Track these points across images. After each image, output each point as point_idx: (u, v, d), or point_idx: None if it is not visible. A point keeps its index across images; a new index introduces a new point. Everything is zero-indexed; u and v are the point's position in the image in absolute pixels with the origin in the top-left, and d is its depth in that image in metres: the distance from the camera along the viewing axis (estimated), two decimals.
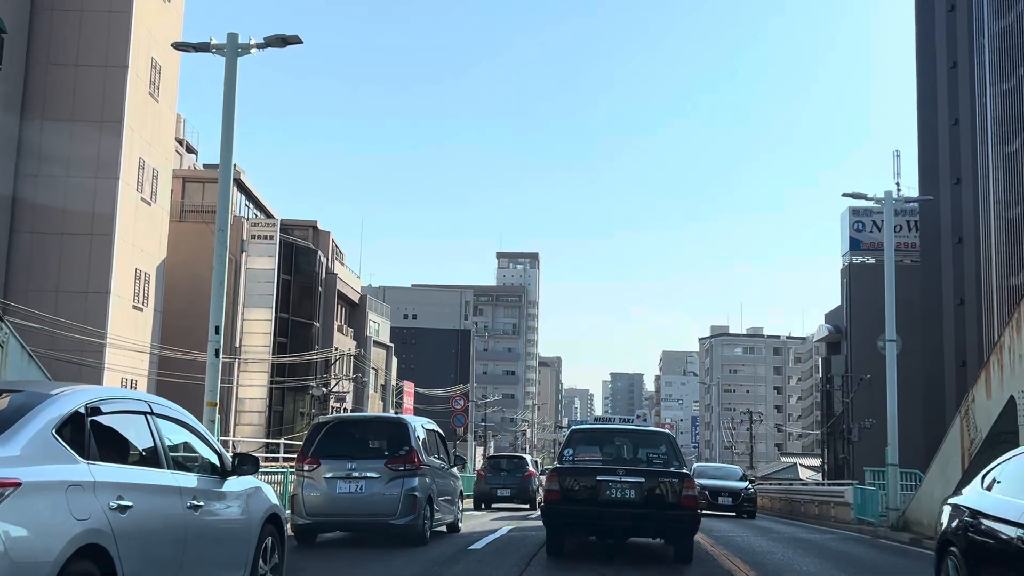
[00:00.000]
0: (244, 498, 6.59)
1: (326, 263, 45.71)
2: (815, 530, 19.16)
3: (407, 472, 11.96)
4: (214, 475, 6.33)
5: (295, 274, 42.05)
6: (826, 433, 59.65)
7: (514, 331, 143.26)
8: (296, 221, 45.94)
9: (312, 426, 13.76)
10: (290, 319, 41.47)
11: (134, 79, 30.57)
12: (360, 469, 11.98)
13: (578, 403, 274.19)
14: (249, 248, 37.62)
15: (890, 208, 19.65)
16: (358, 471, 11.97)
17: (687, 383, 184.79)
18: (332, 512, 12.02)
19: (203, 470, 6.26)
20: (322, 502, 11.97)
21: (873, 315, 57.20)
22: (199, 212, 37.65)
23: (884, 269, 19.57)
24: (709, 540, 14.15)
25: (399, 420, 13.59)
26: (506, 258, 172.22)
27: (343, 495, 11.93)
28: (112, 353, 29.46)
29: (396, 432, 12.65)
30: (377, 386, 55.09)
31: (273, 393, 40.80)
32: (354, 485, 11.94)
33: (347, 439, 12.79)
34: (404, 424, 12.85)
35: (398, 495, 11.80)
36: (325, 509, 11.98)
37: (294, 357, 39.21)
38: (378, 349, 54.81)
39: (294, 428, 41.48)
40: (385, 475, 11.91)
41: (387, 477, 11.89)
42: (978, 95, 39.35)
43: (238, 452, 7.40)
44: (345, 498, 11.93)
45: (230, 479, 6.45)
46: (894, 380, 18.18)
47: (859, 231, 58.05)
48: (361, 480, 11.94)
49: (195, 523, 5.74)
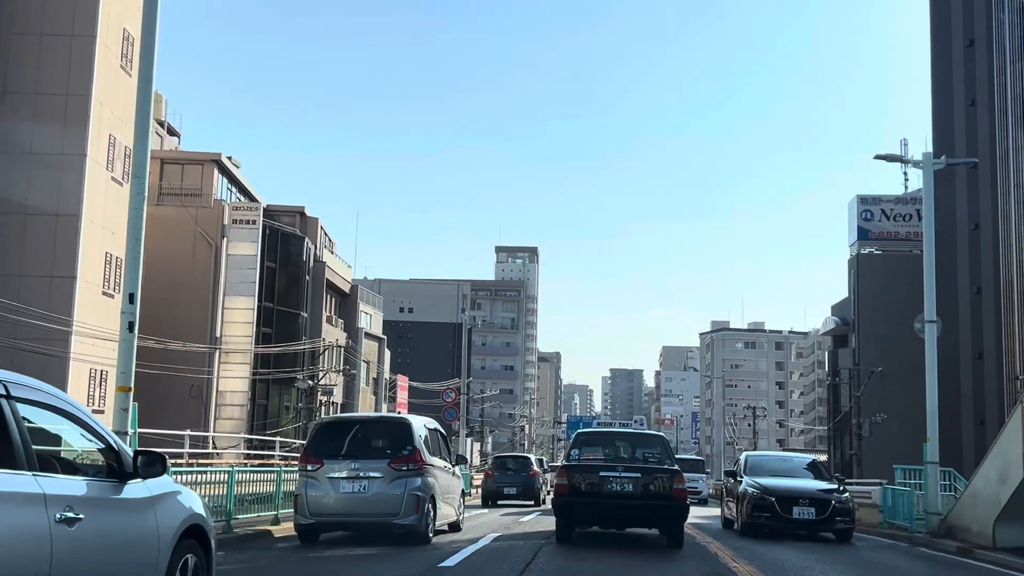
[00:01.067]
0: (150, 507, 5.31)
1: (314, 251, 43.84)
2: None
3: (410, 472, 12.03)
4: (109, 478, 5.13)
5: (281, 262, 40.17)
6: (832, 429, 57.80)
7: (513, 326, 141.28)
8: (283, 207, 44.07)
9: (315, 425, 13.81)
10: (275, 309, 39.60)
11: (103, 50, 28.67)
12: (363, 469, 12.03)
13: (578, 399, 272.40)
14: (230, 233, 35.73)
15: (929, 170, 17.75)
16: (361, 471, 12.01)
17: (687, 378, 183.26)
18: (335, 512, 12.07)
19: (90, 472, 5.12)
20: (325, 502, 12.00)
21: (883, 307, 55.39)
22: (178, 195, 35.78)
23: (924, 241, 17.54)
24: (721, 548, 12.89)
25: (402, 420, 13.50)
26: (505, 252, 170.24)
27: (346, 495, 11.97)
28: (80, 342, 27.60)
29: (399, 432, 12.66)
30: (369, 379, 53.25)
31: (257, 386, 38.95)
32: (357, 485, 11.97)
33: (350, 439, 12.78)
34: (407, 424, 12.83)
35: (401, 495, 11.85)
36: (328, 509, 12.03)
37: (278, 348, 37.35)
38: (370, 341, 52.96)
39: (279, 422, 39.68)
40: (388, 475, 11.95)
41: (390, 477, 11.93)
42: (996, 74, 37.45)
43: (142, 449, 5.68)
44: (348, 498, 11.97)
45: (131, 483, 5.21)
46: (934, 366, 16.22)
47: (867, 220, 56.15)
48: (364, 480, 11.97)
49: (68, 541, 4.40)
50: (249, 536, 12.90)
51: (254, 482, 15.46)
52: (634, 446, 14.18)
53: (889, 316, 53.15)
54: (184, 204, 35.49)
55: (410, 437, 12.37)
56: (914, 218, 55.97)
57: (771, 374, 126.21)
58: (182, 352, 33.67)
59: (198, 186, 36.19)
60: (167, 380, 33.54)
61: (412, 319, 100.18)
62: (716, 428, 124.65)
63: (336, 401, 47.86)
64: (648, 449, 13.76)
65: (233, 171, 38.30)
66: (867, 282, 54.66)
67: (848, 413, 49.74)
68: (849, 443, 54.39)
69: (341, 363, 47.31)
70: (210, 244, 35.52)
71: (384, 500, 11.88)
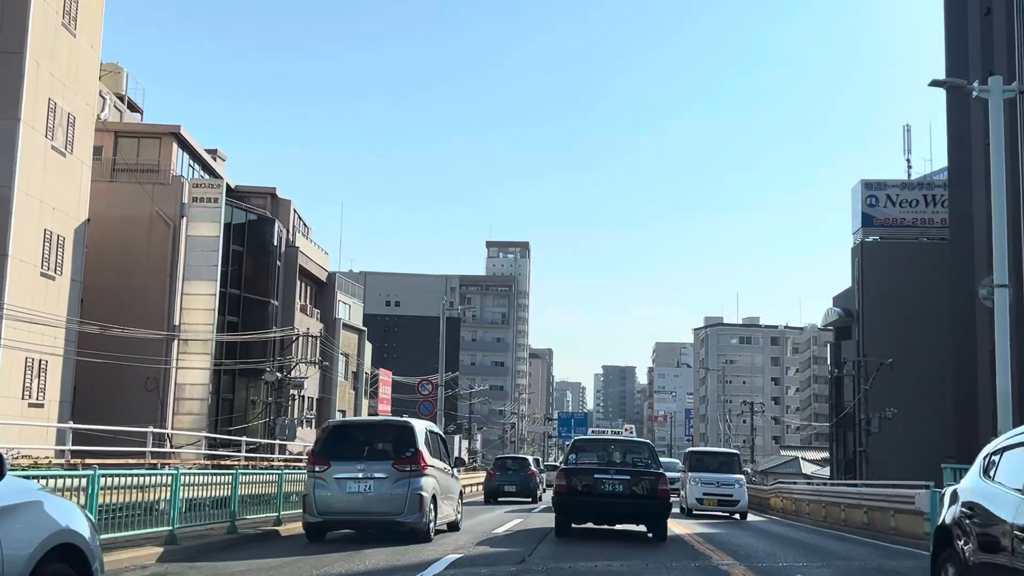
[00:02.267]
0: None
1: (286, 235, 41.00)
2: (879, 548, 14.50)
3: (413, 473, 12.60)
4: None
5: (248, 245, 37.33)
6: (835, 426, 55.16)
7: (503, 321, 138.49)
8: (252, 188, 41.23)
9: (322, 428, 14.22)
10: (242, 296, 36.76)
11: (40, 4, 25.81)
12: (369, 470, 12.61)
13: (570, 396, 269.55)
14: (190, 212, 32.85)
15: (998, 97, 14.94)
16: (367, 472, 12.59)
17: (680, 375, 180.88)
18: (342, 511, 12.65)
19: None
20: (332, 501, 12.54)
21: (888, 297, 52.72)
22: (134, 171, 32.92)
23: (992, 177, 14.47)
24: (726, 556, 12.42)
25: (405, 423, 13.93)
26: (496, 247, 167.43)
27: (353, 494, 12.54)
28: (11, 327, 24.76)
29: (402, 435, 13.25)
30: (348, 373, 50.44)
31: (222, 379, 36.14)
32: (363, 485, 12.53)
33: (356, 441, 13.39)
34: (410, 427, 13.41)
35: (404, 494, 12.44)
36: (335, 508, 12.59)
37: (242, 336, 34.55)
38: (349, 333, 50.14)
39: (246, 417, 36.85)
40: (392, 475, 12.54)
41: (394, 477, 12.52)
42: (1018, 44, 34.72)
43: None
44: (355, 497, 12.54)
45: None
46: (1006, 339, 13.30)
47: (872, 206, 53.51)
48: (370, 480, 12.54)
49: None
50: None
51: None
52: (624, 452, 15.81)
53: (896, 306, 50.49)
54: (140, 181, 32.64)
55: (413, 440, 12.96)
56: (921, 204, 53.36)
57: (767, 369, 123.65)
58: (137, 340, 30.85)
59: (156, 161, 33.32)
60: (121, 371, 30.75)
61: (399, 313, 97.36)
62: (711, 424, 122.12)
63: (311, 396, 45.05)
64: (636, 454, 15.54)
65: (195, 146, 35.40)
66: (872, 271, 51.99)
67: (854, 408, 47.03)
68: (854, 440, 51.78)
69: (316, 355, 44.51)
70: (168, 224, 32.66)
71: (388, 500, 12.46)
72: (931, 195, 53.26)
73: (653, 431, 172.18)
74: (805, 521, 22.66)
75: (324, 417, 46.74)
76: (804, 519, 23.10)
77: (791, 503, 25.05)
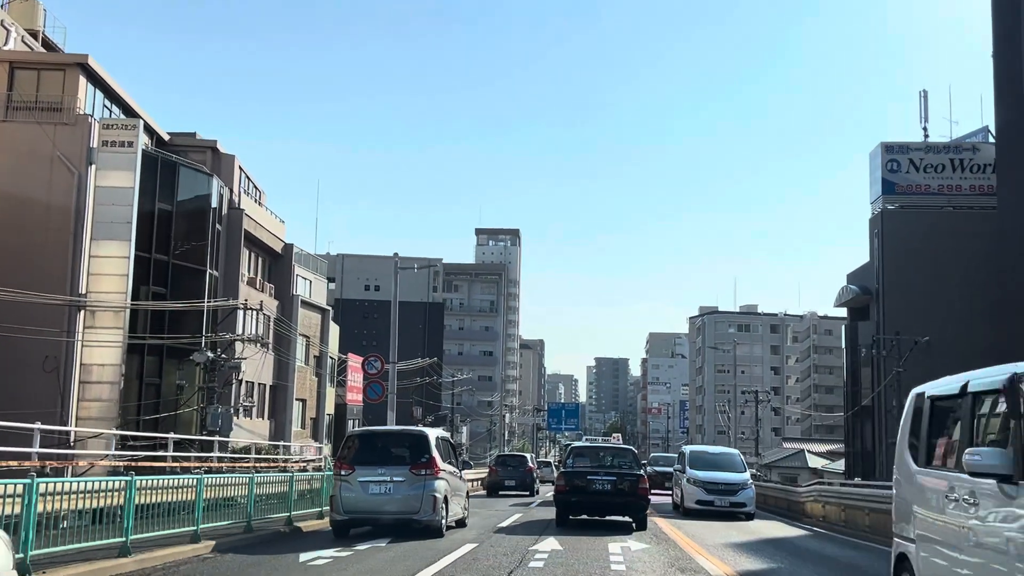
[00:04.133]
0: None
1: (230, 195, 35.54)
2: None
3: (428, 476, 14.56)
4: None
5: (179, 204, 31.88)
6: (852, 415, 49.91)
7: (492, 308, 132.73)
8: (187, 137, 35.77)
9: (347, 437, 16.21)
10: (171, 262, 31.34)
11: None
12: (389, 473, 14.52)
13: (562, 388, 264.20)
14: (100, 159, 27.38)
15: None
16: (387, 475, 14.50)
17: (675, 365, 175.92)
18: (365, 510, 14.52)
19: None
20: (357, 501, 14.45)
21: (913, 270, 47.44)
22: (32, 109, 27.48)
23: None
24: None
25: (420, 432, 15.99)
26: (485, 234, 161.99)
27: (375, 496, 14.43)
28: None
29: (418, 442, 15.26)
30: (310, 357, 45.02)
31: (146, 361, 30.76)
32: (384, 487, 14.44)
33: (377, 448, 15.40)
34: (425, 435, 15.53)
35: (420, 496, 14.38)
36: (359, 507, 14.48)
37: (159, 305, 29.12)
38: (310, 312, 44.70)
39: (177, 404, 31.35)
40: (410, 479, 14.47)
41: (411, 480, 14.45)
42: None
43: None
44: (377, 498, 14.43)
45: None
46: None
47: (893, 171, 48.20)
48: (390, 483, 14.46)
49: None
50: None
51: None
52: (612, 456, 19.50)
53: (921, 282, 45.30)
54: (39, 120, 27.20)
55: (427, 447, 14.99)
56: (947, 168, 48.03)
57: (766, 359, 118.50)
58: (33, 310, 25.53)
59: (59, 98, 27.86)
60: (12, 346, 25.41)
61: (379, 298, 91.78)
62: (708, 416, 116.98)
63: (264, 382, 39.63)
64: (622, 459, 19.11)
65: (110, 82, 29.86)
66: (893, 243, 46.70)
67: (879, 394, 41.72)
68: (872, 431, 46.61)
69: (268, 334, 39.09)
70: (72, 171, 27.23)
71: (406, 500, 14.37)
72: (958, 159, 47.97)
73: (647, 423, 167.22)
74: (868, 536, 16.95)
75: (279, 406, 41.33)
76: (863, 532, 17.51)
77: (839, 510, 19.44)
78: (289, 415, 40.94)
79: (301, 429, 43.64)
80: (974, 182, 47.57)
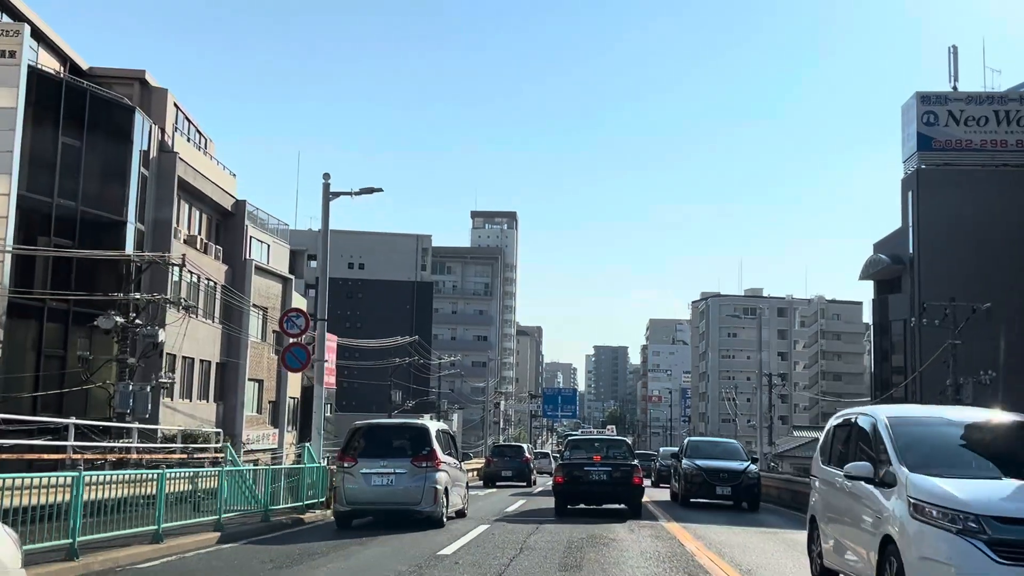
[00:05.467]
0: None
1: (160, 136, 30.10)
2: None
3: (429, 468, 15.04)
4: None
5: (91, 141, 26.45)
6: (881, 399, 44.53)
7: (487, 292, 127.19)
8: (111, 69, 30.30)
9: (350, 430, 16.17)
10: (80, 210, 25.92)
11: None
12: (391, 465, 14.99)
13: (560, 376, 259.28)
14: None
15: None
16: (389, 467, 14.97)
17: (676, 352, 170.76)
18: (368, 501, 15.03)
19: None
20: (359, 493, 14.92)
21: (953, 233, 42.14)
22: None
23: None
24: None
25: (422, 425, 16.53)
26: (481, 217, 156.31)
27: (377, 487, 14.87)
28: None
29: (419, 435, 15.70)
30: (268, 332, 39.60)
31: (46, 329, 25.37)
32: (386, 479, 14.92)
33: (379, 441, 15.76)
34: (426, 428, 16.02)
35: (422, 487, 14.83)
36: (362, 498, 14.96)
37: (45, 252, 23.68)
38: (268, 280, 39.27)
39: (89, 379, 25.83)
40: (411, 471, 14.96)
41: (413, 472, 14.95)
42: None
43: None
44: (379, 489, 14.87)
45: None
46: None
47: (930, 125, 42.80)
48: (392, 475, 14.89)
49: None
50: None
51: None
52: (608, 448, 20.32)
53: (962, 247, 39.95)
54: None
55: (428, 439, 15.45)
56: (992, 121, 42.55)
57: (773, 343, 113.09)
58: None
59: None
60: None
61: (363, 276, 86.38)
62: (711, 403, 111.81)
63: (208, 359, 34.20)
64: (617, 450, 20.00)
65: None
66: (930, 204, 41.34)
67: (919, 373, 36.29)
68: None
69: (216, 304, 33.69)
70: None
71: (408, 491, 14.83)
72: (1004, 111, 42.53)
73: (647, 411, 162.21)
74: None
75: (229, 386, 35.94)
76: None
77: None
78: (240, 397, 35.56)
79: (257, 414, 38.28)
80: (1022, 136, 42.22)
